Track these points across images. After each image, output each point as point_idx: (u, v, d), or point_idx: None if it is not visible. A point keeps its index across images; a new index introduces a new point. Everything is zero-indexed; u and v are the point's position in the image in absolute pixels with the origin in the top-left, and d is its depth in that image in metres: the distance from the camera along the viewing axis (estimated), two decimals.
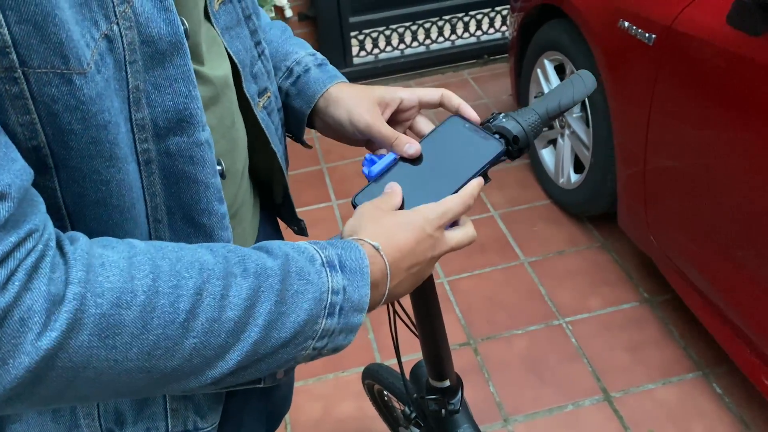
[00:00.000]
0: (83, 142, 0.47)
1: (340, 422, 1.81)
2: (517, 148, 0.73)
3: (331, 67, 0.85)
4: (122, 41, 0.48)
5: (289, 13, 3.46)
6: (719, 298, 1.66)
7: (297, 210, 0.93)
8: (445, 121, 0.76)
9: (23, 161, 0.44)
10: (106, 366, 0.45)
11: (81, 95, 0.45)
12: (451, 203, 0.65)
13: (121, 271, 0.46)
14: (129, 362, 0.46)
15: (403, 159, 0.73)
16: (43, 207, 0.46)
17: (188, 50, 0.53)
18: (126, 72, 0.49)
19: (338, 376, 1.93)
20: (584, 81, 0.77)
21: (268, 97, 0.78)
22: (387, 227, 0.61)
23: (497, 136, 0.73)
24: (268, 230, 0.91)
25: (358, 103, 0.77)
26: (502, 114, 0.75)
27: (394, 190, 0.67)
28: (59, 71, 0.44)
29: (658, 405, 1.78)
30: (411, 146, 0.72)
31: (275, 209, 0.96)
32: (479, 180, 0.69)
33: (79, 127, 0.46)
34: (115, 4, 0.47)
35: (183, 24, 0.54)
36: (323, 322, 0.55)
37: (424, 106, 0.81)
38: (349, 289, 0.56)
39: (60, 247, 0.45)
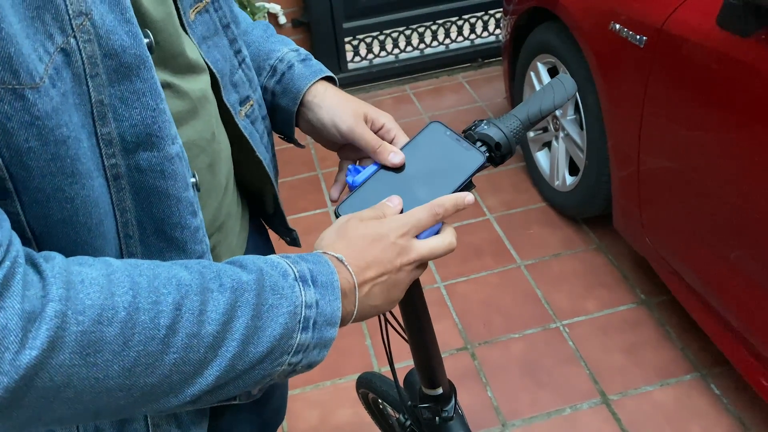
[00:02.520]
0: (43, 160, 0.46)
1: (337, 429, 1.80)
2: (500, 154, 0.73)
3: (315, 61, 0.85)
4: (81, 54, 0.47)
5: (282, 20, 3.46)
6: (715, 298, 1.66)
7: (293, 217, 0.93)
8: (426, 127, 0.74)
9: None
10: (87, 385, 0.45)
11: (35, 110, 0.44)
12: (419, 213, 0.64)
13: (101, 288, 0.45)
14: (110, 380, 0.46)
15: (385, 168, 0.72)
16: (6, 224, 0.45)
17: (152, 64, 0.52)
18: (87, 86, 0.48)
19: (335, 383, 1.92)
20: (564, 85, 0.77)
21: (251, 106, 0.77)
22: (350, 238, 0.61)
23: (479, 144, 0.73)
24: (259, 243, 0.91)
25: (344, 108, 0.78)
26: (484, 121, 0.75)
27: (386, 203, 0.66)
28: (10, 87, 0.43)
29: (656, 407, 1.77)
30: (395, 155, 0.72)
31: (267, 220, 0.95)
32: (455, 196, 0.67)
33: (37, 144, 0.45)
34: (72, 17, 0.46)
35: (147, 36, 0.54)
36: (298, 336, 0.55)
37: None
38: (322, 303, 0.56)
39: (34, 264, 0.45)
